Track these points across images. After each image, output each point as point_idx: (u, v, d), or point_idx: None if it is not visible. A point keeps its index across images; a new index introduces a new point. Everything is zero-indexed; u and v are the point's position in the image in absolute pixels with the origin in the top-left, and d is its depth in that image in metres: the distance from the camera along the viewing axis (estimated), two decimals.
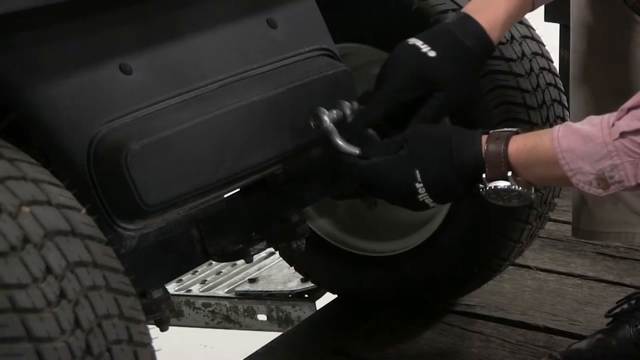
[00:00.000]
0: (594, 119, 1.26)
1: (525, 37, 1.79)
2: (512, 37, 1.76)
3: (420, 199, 1.37)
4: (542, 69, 1.78)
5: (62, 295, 0.97)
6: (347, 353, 1.88)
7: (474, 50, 1.44)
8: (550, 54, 1.85)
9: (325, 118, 1.44)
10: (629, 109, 1.23)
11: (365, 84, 1.85)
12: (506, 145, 1.31)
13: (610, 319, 1.73)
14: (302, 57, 1.53)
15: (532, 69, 1.76)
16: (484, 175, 1.33)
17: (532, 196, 1.34)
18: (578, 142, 1.25)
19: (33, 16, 1.19)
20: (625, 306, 1.71)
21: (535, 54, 1.79)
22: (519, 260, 2.11)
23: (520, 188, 1.31)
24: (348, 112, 1.47)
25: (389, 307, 2.00)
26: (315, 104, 1.49)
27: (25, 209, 0.99)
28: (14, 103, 1.22)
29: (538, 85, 1.76)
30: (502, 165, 1.31)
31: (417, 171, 1.35)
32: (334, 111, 1.46)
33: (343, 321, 2.01)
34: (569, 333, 1.88)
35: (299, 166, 1.51)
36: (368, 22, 1.76)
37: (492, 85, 1.71)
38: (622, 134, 1.22)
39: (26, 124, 1.24)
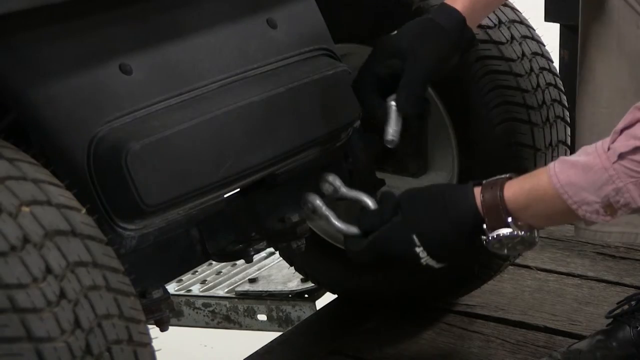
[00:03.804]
0: (588, 149, 1.26)
1: (525, 37, 1.79)
2: (512, 37, 1.76)
3: (424, 263, 1.36)
4: (542, 69, 1.78)
5: (62, 295, 0.97)
6: (347, 353, 1.87)
7: (439, 22, 1.46)
8: (550, 54, 1.85)
9: (319, 203, 1.49)
10: (622, 130, 1.23)
11: None
12: (501, 191, 1.31)
13: (611, 319, 1.73)
14: (302, 57, 1.53)
15: (532, 69, 1.76)
16: (484, 226, 1.32)
17: (536, 239, 1.33)
18: (577, 173, 1.25)
19: (33, 16, 1.19)
20: (626, 307, 1.71)
21: (535, 54, 1.79)
22: (519, 260, 2.11)
23: (523, 232, 1.30)
24: (338, 184, 1.51)
25: (389, 307, 2.00)
26: (315, 104, 1.49)
27: (25, 209, 0.99)
28: (14, 103, 1.22)
29: (538, 85, 1.76)
30: (501, 212, 1.30)
31: (414, 236, 1.35)
32: (325, 185, 1.52)
33: (343, 321, 2.01)
34: (569, 333, 1.88)
35: (299, 166, 1.51)
36: (368, 22, 1.76)
37: (492, 85, 1.71)
38: (621, 156, 1.22)
39: (26, 124, 1.24)
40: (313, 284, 2.19)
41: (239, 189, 1.48)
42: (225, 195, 1.42)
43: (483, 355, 1.82)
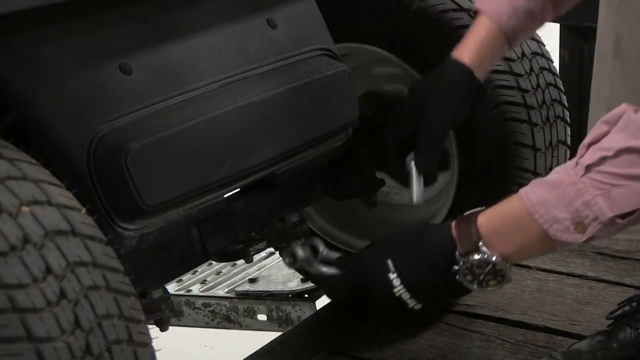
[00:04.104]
0: (558, 167, 1.27)
1: None
2: None
3: (397, 294, 1.34)
4: (542, 69, 1.79)
5: (62, 295, 0.97)
6: (347, 353, 1.87)
7: (448, 77, 1.49)
8: (550, 54, 1.85)
9: (300, 253, 1.53)
10: (589, 145, 1.24)
11: (366, 84, 1.85)
12: (475, 219, 1.31)
13: (611, 320, 1.72)
14: (302, 57, 1.53)
15: (532, 69, 1.76)
16: (457, 254, 1.31)
17: (509, 273, 1.31)
18: (547, 191, 1.25)
19: (33, 16, 1.19)
20: (627, 308, 1.70)
21: (535, 54, 1.79)
22: None
23: (495, 258, 1.29)
24: (321, 248, 1.53)
25: None
26: (315, 104, 1.49)
27: (25, 209, 0.99)
28: (14, 103, 1.22)
29: (538, 85, 1.76)
30: (473, 236, 1.30)
31: (388, 261, 1.35)
32: (307, 247, 1.54)
33: (343, 321, 2.00)
34: (569, 333, 1.87)
35: (299, 166, 1.51)
36: (368, 22, 1.76)
37: (492, 85, 1.71)
38: (588, 168, 1.22)
39: (26, 124, 1.24)
40: (313, 284, 2.19)
41: (239, 189, 1.48)
42: (225, 195, 1.42)
43: (483, 355, 1.82)
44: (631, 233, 1.66)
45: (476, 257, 1.29)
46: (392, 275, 1.34)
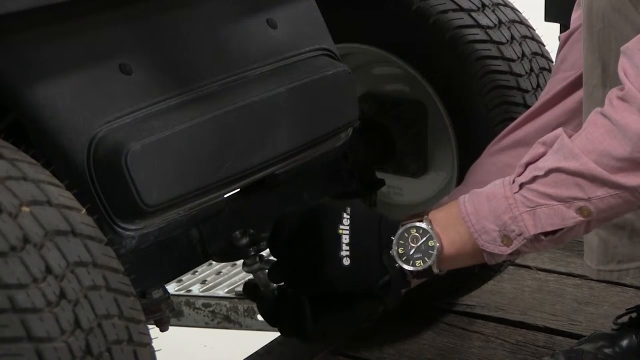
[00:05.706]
0: (496, 181, 1.31)
1: (525, 37, 1.79)
2: (512, 37, 1.76)
3: (340, 231, 1.36)
4: (542, 69, 1.79)
5: (62, 295, 0.97)
6: (347, 353, 1.87)
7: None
8: (550, 54, 1.85)
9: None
10: (527, 164, 1.29)
11: (366, 84, 1.85)
12: (427, 212, 1.36)
13: (615, 324, 1.71)
14: (302, 57, 1.53)
15: (532, 69, 1.76)
16: (401, 225, 1.35)
17: (436, 261, 1.33)
18: (481, 202, 1.30)
19: (33, 16, 1.19)
20: (634, 315, 1.70)
21: (535, 54, 1.79)
22: (519, 260, 2.11)
23: (432, 232, 1.32)
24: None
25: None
26: (315, 104, 1.49)
27: (25, 209, 0.99)
28: (14, 103, 1.22)
29: (538, 85, 1.76)
30: (421, 214, 1.35)
31: (348, 208, 1.37)
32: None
33: None
34: (569, 333, 1.88)
35: (299, 166, 1.51)
36: (368, 22, 1.76)
37: (492, 85, 1.71)
38: (521, 186, 1.27)
39: (26, 124, 1.24)
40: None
41: (239, 189, 1.48)
42: (225, 195, 1.42)
43: (483, 355, 1.82)
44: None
45: (417, 224, 1.33)
46: (345, 215, 1.37)
